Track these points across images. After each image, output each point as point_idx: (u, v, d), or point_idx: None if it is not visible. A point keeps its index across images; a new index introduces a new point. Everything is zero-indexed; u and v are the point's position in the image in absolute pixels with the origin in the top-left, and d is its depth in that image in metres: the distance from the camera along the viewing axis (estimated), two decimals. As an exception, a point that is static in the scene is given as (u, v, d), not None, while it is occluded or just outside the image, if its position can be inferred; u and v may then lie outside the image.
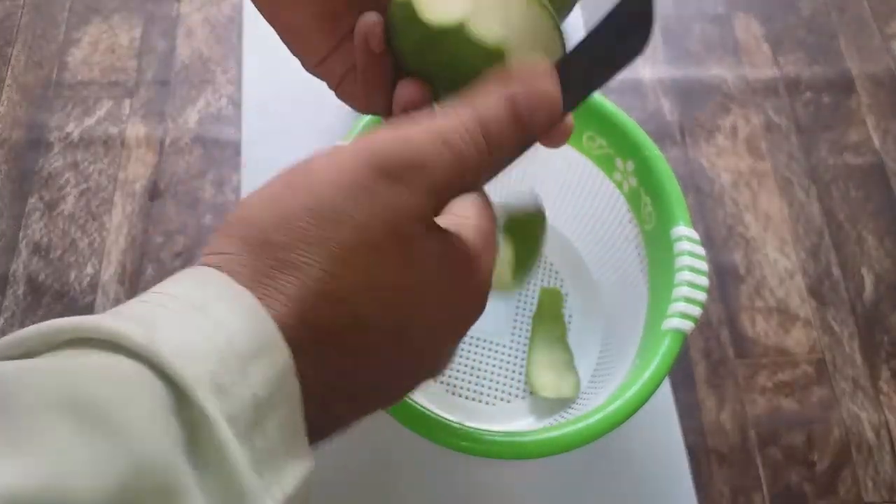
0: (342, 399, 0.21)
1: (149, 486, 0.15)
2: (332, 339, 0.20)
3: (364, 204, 0.20)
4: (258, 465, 0.17)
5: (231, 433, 0.17)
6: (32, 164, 0.58)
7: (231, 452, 0.16)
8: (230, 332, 0.18)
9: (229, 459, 0.16)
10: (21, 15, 0.65)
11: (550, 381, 0.48)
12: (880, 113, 0.63)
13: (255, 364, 0.18)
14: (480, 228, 0.25)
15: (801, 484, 0.49)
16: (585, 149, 0.47)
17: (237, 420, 0.17)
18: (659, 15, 0.67)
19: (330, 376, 0.20)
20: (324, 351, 0.20)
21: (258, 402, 0.17)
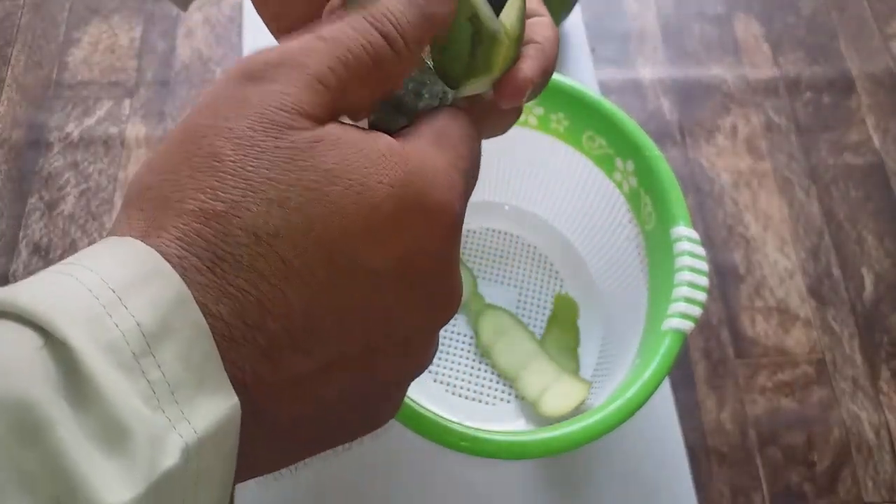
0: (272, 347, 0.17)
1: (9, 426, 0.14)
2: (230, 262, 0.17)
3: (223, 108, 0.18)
4: (154, 399, 0.15)
5: (106, 362, 0.15)
6: (32, 164, 0.58)
7: (105, 381, 0.15)
8: (101, 268, 0.16)
9: (103, 390, 0.14)
10: (21, 15, 0.65)
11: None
12: (880, 113, 0.63)
13: (134, 294, 0.16)
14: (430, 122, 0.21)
15: (801, 484, 0.50)
16: (585, 149, 0.47)
17: (117, 350, 0.15)
18: (659, 15, 0.67)
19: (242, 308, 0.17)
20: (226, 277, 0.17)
21: (145, 330, 0.15)
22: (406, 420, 0.36)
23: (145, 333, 0.15)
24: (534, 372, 0.49)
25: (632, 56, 0.65)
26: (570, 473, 0.48)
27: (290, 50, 0.19)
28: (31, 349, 0.15)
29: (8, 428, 0.14)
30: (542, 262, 0.54)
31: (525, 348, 0.50)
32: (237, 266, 0.17)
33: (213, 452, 0.16)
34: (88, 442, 0.14)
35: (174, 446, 0.15)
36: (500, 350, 0.50)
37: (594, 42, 0.66)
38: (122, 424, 0.14)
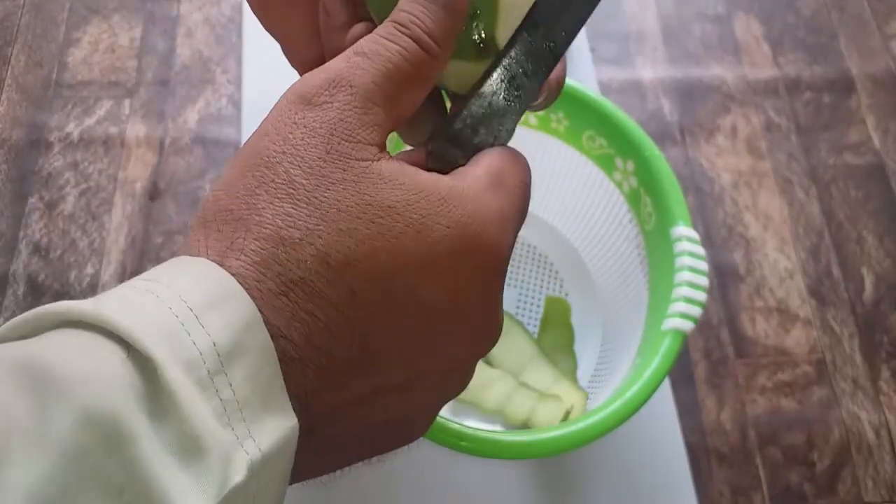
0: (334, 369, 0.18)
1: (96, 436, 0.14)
2: (302, 288, 0.18)
3: (291, 135, 0.19)
4: (225, 417, 0.16)
5: (186, 379, 0.16)
6: (32, 164, 0.58)
7: (185, 397, 0.15)
8: (180, 287, 0.17)
9: (184, 405, 0.15)
10: (21, 15, 0.65)
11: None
12: (880, 113, 0.63)
13: (211, 314, 0.16)
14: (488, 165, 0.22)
15: (801, 484, 0.50)
16: (585, 149, 0.47)
17: (195, 367, 0.16)
18: (659, 15, 0.67)
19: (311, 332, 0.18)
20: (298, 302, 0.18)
21: (220, 350, 0.16)
22: (406, 420, 0.36)
23: (220, 353, 0.16)
24: (533, 374, 0.49)
25: (632, 56, 0.65)
26: (570, 473, 0.48)
27: (337, 71, 0.20)
28: (116, 361, 0.15)
29: (95, 437, 0.14)
30: (542, 262, 0.54)
31: (524, 350, 0.50)
32: (309, 292, 0.18)
33: (273, 470, 0.17)
34: (167, 455, 0.15)
35: (241, 463, 0.16)
36: (500, 352, 0.50)
37: (594, 42, 0.66)
38: (198, 440, 0.15)
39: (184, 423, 0.15)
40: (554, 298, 0.52)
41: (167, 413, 0.15)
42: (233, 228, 0.18)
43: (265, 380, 0.17)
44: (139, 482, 0.14)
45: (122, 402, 0.15)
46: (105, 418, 0.14)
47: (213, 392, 0.16)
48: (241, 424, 0.16)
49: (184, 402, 0.15)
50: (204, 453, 0.15)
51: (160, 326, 0.16)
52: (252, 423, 0.16)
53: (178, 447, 0.15)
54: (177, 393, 0.15)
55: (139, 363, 0.16)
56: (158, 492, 0.14)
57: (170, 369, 0.15)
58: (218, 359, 0.16)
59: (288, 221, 0.18)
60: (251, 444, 0.16)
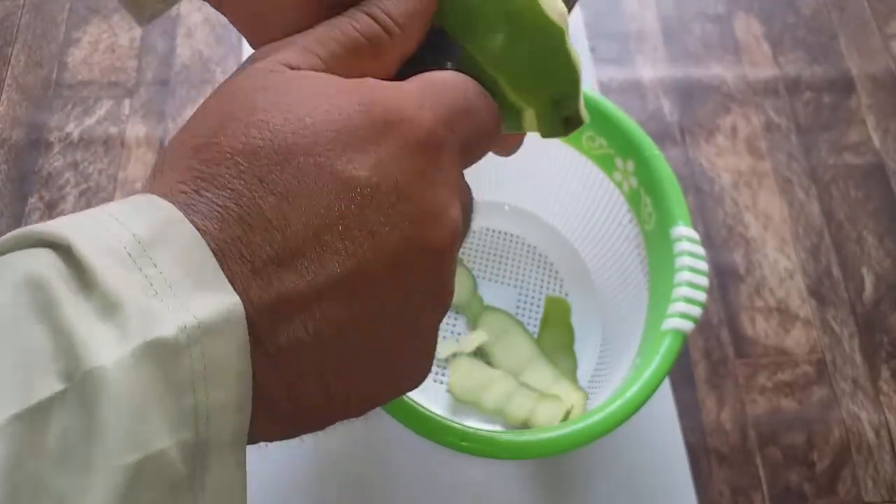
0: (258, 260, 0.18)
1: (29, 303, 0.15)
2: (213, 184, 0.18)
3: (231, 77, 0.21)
4: (152, 290, 0.16)
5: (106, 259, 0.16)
6: (32, 164, 0.58)
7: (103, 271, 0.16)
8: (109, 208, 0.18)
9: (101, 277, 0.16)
10: (21, 15, 0.65)
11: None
12: (880, 113, 0.63)
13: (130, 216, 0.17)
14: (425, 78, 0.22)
15: (801, 484, 0.50)
16: (585, 149, 0.47)
17: (115, 252, 0.16)
18: (659, 14, 0.67)
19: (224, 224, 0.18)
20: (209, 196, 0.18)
21: (140, 238, 0.17)
22: (406, 420, 0.36)
23: (141, 241, 0.17)
24: (533, 374, 0.49)
25: (632, 56, 0.65)
26: (570, 473, 0.48)
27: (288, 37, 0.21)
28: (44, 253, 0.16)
29: (24, 304, 0.15)
30: (542, 262, 0.54)
31: (524, 350, 0.50)
32: (218, 186, 0.18)
33: (221, 344, 0.17)
34: (89, 316, 0.16)
35: (170, 322, 0.16)
36: (500, 352, 0.50)
37: (594, 42, 0.66)
38: (118, 301, 0.16)
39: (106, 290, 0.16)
40: (554, 298, 0.52)
41: (89, 285, 0.16)
42: (160, 160, 0.20)
43: (195, 263, 0.17)
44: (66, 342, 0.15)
45: (48, 273, 0.16)
46: (34, 284, 0.16)
47: (136, 270, 0.16)
48: (172, 299, 0.16)
49: (102, 275, 0.16)
50: (124, 308, 0.16)
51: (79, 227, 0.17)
52: (185, 298, 0.16)
53: (101, 310, 0.16)
54: (95, 268, 0.16)
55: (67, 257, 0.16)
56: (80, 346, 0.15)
57: (88, 252, 0.16)
58: (139, 245, 0.17)
59: (199, 133, 0.19)
60: (184, 313, 0.16)
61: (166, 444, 0.15)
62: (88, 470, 0.14)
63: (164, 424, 0.15)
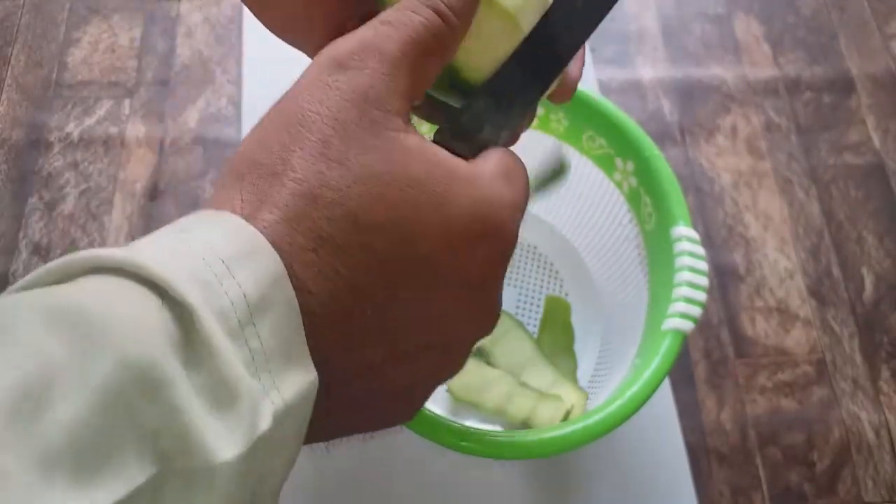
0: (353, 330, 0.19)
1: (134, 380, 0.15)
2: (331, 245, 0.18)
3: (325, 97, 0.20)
4: (253, 366, 0.17)
5: (219, 327, 0.16)
6: (32, 164, 0.58)
7: (219, 344, 0.16)
8: (212, 241, 0.17)
9: (219, 353, 0.16)
10: (21, 15, 0.65)
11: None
12: (880, 113, 0.63)
13: (240, 266, 0.17)
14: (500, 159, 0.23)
15: (801, 484, 0.49)
16: (585, 149, 0.47)
17: (226, 316, 0.16)
18: (659, 15, 0.67)
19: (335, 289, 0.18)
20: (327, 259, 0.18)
21: (249, 301, 0.17)
22: (406, 420, 0.36)
23: (249, 304, 0.17)
24: (533, 374, 0.49)
25: (632, 56, 0.65)
26: (570, 473, 0.48)
27: (366, 37, 0.21)
28: (152, 307, 0.16)
29: (133, 382, 0.15)
30: (542, 262, 0.54)
31: (524, 351, 0.50)
32: (337, 250, 0.18)
33: (293, 421, 0.17)
34: (201, 401, 0.15)
35: (268, 411, 0.16)
36: (500, 352, 0.50)
37: (594, 42, 0.66)
38: (230, 387, 0.16)
39: (217, 370, 0.16)
40: (554, 298, 0.52)
41: (202, 360, 0.16)
42: (268, 183, 0.19)
43: (289, 333, 0.17)
44: (174, 426, 0.15)
45: (159, 347, 0.15)
46: (142, 363, 0.15)
47: (242, 342, 0.16)
48: (267, 375, 0.17)
49: (218, 350, 0.16)
50: (236, 400, 0.16)
51: (193, 275, 0.16)
52: (277, 374, 0.17)
53: (212, 394, 0.16)
54: (211, 340, 0.16)
55: (174, 310, 0.16)
56: (194, 436, 0.15)
57: (205, 317, 0.16)
58: (248, 310, 0.17)
59: (321, 179, 0.19)
60: (276, 395, 0.17)
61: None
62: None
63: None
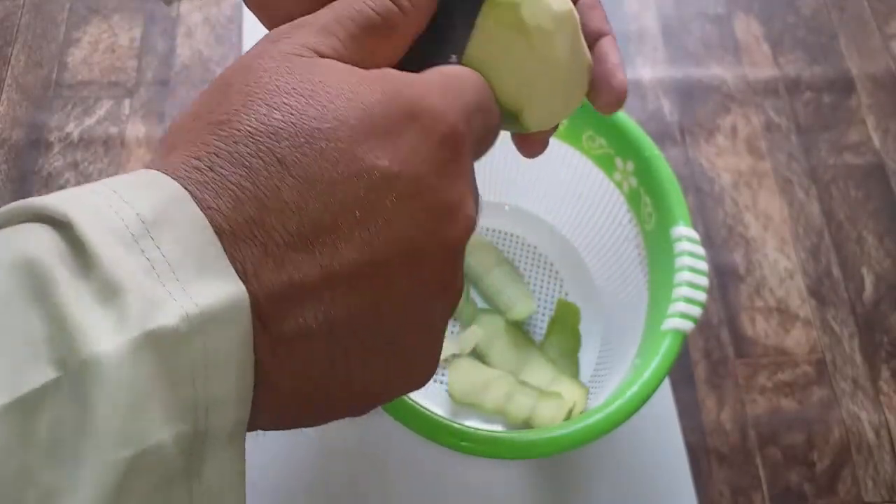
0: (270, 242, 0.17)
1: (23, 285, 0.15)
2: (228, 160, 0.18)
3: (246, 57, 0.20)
4: (154, 274, 0.16)
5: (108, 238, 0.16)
6: (32, 164, 0.58)
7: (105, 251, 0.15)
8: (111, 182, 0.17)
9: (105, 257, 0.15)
10: (21, 15, 0.65)
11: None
12: (880, 113, 0.63)
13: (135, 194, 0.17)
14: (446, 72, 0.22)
15: (801, 484, 0.50)
16: (585, 149, 0.47)
17: (118, 231, 0.16)
18: (659, 15, 0.67)
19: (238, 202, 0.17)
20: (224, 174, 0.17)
21: (143, 218, 0.16)
22: (406, 420, 0.36)
23: (144, 221, 0.16)
24: (531, 372, 0.49)
25: (632, 56, 0.65)
26: (571, 473, 0.48)
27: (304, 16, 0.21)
28: (43, 231, 0.16)
29: (18, 286, 0.15)
30: (542, 262, 0.54)
31: (521, 350, 0.50)
32: (235, 164, 0.18)
33: (222, 334, 0.16)
34: (86, 299, 0.15)
35: (172, 310, 0.15)
36: (498, 351, 0.50)
37: (594, 42, 0.65)
38: (118, 285, 0.15)
39: (105, 272, 0.15)
40: (566, 303, 0.52)
41: (89, 266, 0.15)
42: (170, 134, 0.19)
43: (198, 246, 0.16)
44: (61, 326, 0.15)
45: (46, 255, 0.15)
46: (29, 267, 0.15)
47: (138, 251, 0.16)
48: (174, 283, 0.16)
49: (104, 254, 0.15)
50: (124, 293, 0.15)
51: (82, 203, 0.16)
52: (187, 283, 0.16)
53: (100, 294, 0.15)
54: (97, 246, 0.15)
55: (64, 232, 0.16)
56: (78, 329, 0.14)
57: (90, 230, 0.15)
58: (143, 225, 0.16)
59: (218, 109, 0.19)
60: (186, 300, 0.16)
61: (163, 437, 0.15)
62: (79, 464, 0.14)
63: (161, 417, 0.15)
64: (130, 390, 0.15)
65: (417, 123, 0.19)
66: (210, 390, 0.16)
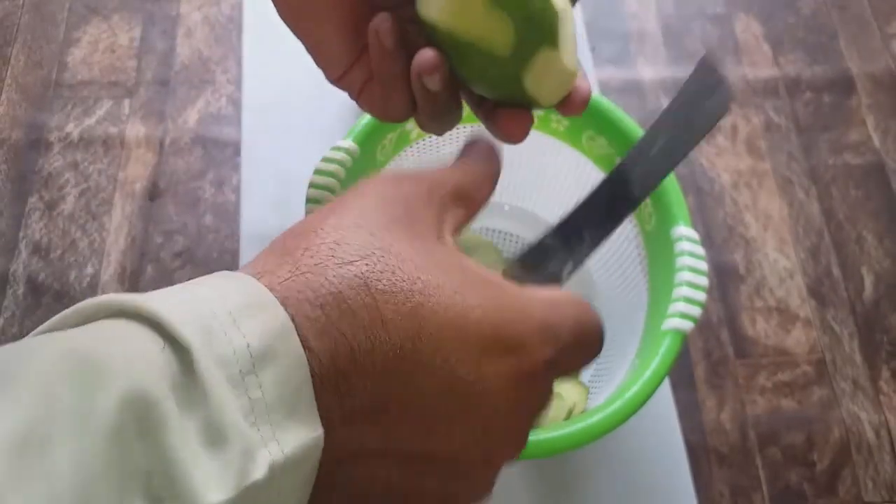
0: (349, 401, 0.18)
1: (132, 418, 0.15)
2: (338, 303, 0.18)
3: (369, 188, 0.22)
4: (252, 416, 0.16)
5: (218, 372, 0.16)
6: (32, 164, 0.58)
7: (215, 388, 0.16)
8: (222, 294, 0.17)
9: (214, 396, 0.16)
10: (21, 15, 0.65)
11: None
12: (880, 113, 0.63)
13: (246, 317, 0.17)
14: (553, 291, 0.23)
15: (801, 484, 0.49)
16: (586, 149, 0.47)
17: (227, 364, 0.16)
18: (659, 15, 0.67)
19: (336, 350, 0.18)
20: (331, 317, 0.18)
21: (252, 351, 0.17)
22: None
23: (252, 354, 0.16)
24: None
25: (632, 56, 0.65)
26: (571, 473, 0.48)
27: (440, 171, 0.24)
28: (154, 349, 0.16)
29: (131, 420, 0.15)
30: (542, 262, 0.54)
31: None
32: (344, 309, 0.18)
33: (293, 477, 0.17)
34: (193, 442, 0.15)
35: (263, 461, 0.16)
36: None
37: (594, 42, 0.66)
38: (223, 431, 0.16)
39: (212, 413, 0.16)
40: None
41: (198, 402, 0.16)
42: (292, 245, 0.19)
43: (294, 387, 0.17)
44: (165, 466, 0.15)
45: (157, 386, 0.15)
46: (140, 401, 0.15)
47: (242, 390, 0.16)
48: (267, 427, 0.16)
49: (214, 393, 0.16)
50: (228, 444, 0.16)
51: (198, 321, 0.16)
52: (277, 426, 0.16)
53: (205, 436, 0.15)
54: (208, 383, 0.16)
55: (176, 353, 0.16)
56: (183, 476, 0.15)
57: (203, 360, 0.16)
58: (250, 359, 0.16)
59: (342, 237, 0.19)
60: (275, 446, 0.16)
61: None
62: None
63: None
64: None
65: (514, 356, 0.20)
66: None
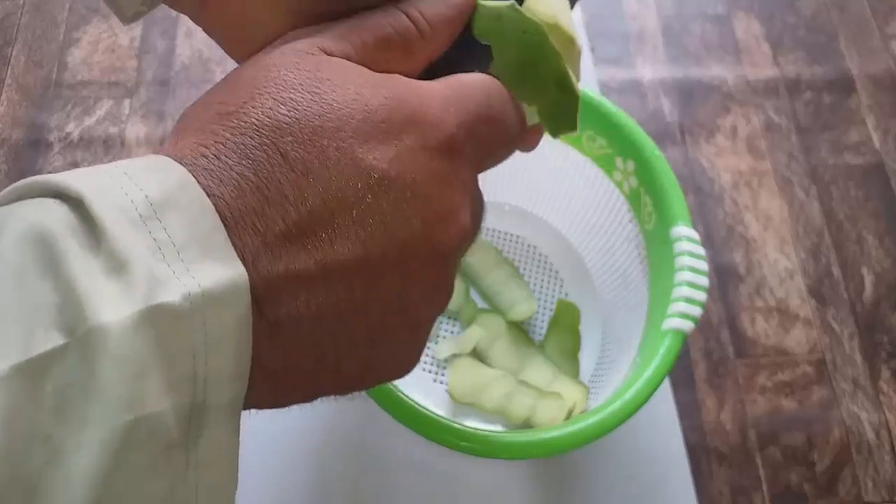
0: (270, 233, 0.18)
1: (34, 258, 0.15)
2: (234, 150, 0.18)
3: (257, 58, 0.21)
4: (160, 254, 0.16)
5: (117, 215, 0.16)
6: (32, 164, 0.58)
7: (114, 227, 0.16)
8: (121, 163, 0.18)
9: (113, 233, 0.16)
10: (21, 15, 0.65)
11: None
12: (880, 113, 0.63)
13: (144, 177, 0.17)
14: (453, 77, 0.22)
15: (801, 484, 0.50)
16: (586, 149, 0.47)
17: (125, 209, 0.16)
18: (659, 15, 0.67)
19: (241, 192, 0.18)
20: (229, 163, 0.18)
21: (152, 200, 0.17)
22: (406, 419, 0.36)
23: (152, 203, 0.17)
24: (532, 372, 0.49)
25: (632, 56, 0.65)
26: (570, 473, 0.48)
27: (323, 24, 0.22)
28: (54, 205, 0.17)
29: (32, 258, 0.15)
30: (543, 262, 0.54)
31: (521, 349, 0.50)
32: (240, 154, 0.18)
33: (222, 316, 0.17)
34: (94, 271, 0.16)
35: (175, 288, 0.16)
36: (496, 354, 0.50)
37: (594, 42, 0.66)
38: (127, 261, 0.16)
39: (113, 246, 0.16)
40: (566, 303, 0.51)
41: (98, 240, 0.16)
42: (179, 128, 0.20)
43: (203, 231, 0.17)
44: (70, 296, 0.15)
45: (56, 227, 0.16)
46: (39, 240, 0.16)
47: (146, 232, 0.16)
48: (179, 263, 0.16)
49: (113, 230, 0.16)
50: (133, 271, 0.16)
51: (94, 182, 0.17)
52: (190, 264, 0.17)
53: (108, 266, 0.16)
54: (107, 222, 0.16)
55: (78, 211, 0.16)
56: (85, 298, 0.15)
57: (98, 205, 0.16)
58: (150, 207, 0.17)
59: (227, 100, 0.19)
60: (189, 279, 0.16)
61: (163, 406, 0.16)
62: (85, 425, 0.15)
63: (161, 387, 0.16)
64: (133, 360, 0.15)
65: (416, 130, 0.20)
66: (209, 366, 0.17)
